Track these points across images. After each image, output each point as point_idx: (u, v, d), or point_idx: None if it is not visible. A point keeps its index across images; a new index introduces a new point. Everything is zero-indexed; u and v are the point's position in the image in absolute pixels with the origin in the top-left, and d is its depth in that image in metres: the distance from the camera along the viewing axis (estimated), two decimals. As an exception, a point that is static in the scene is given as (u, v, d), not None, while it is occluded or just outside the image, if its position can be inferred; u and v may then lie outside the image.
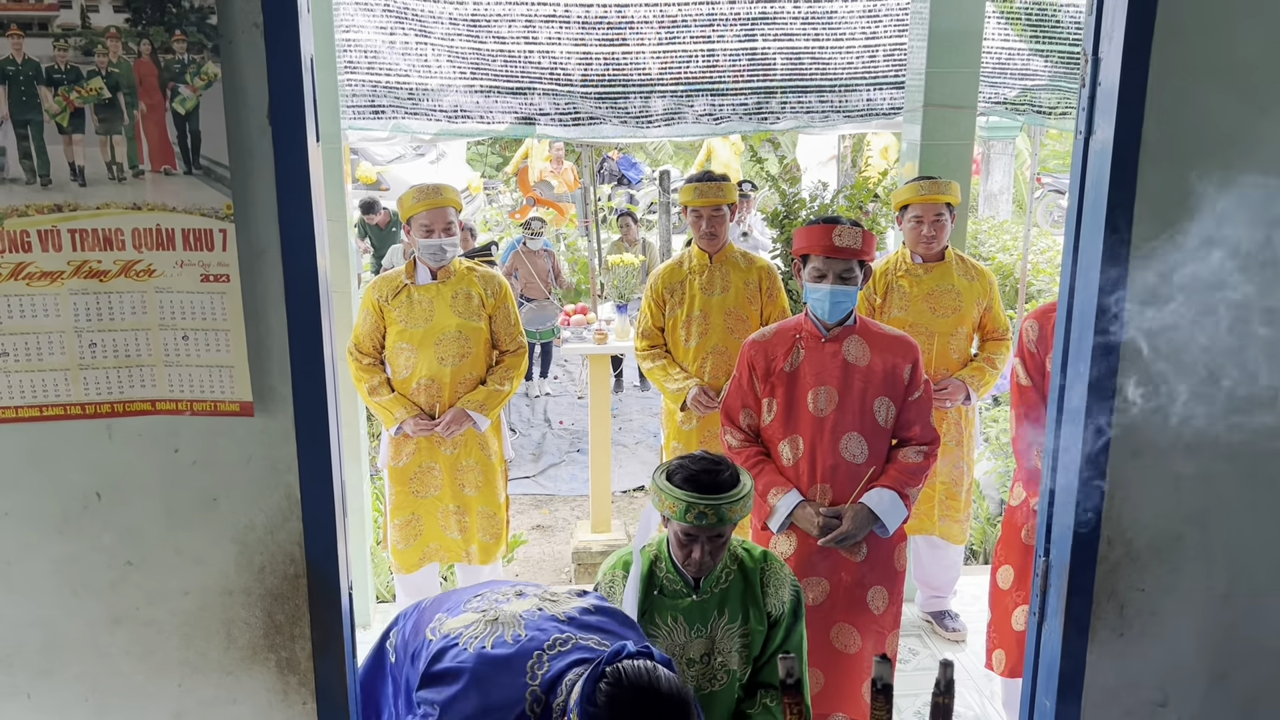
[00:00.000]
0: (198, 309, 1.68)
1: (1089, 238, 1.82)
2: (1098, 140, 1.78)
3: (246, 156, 1.65)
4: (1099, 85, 1.78)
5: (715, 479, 2.33)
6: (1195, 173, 1.74)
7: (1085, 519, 1.89)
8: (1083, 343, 1.86)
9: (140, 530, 1.77)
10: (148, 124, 1.61)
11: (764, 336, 3.08)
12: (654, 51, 4.95)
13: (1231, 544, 1.92)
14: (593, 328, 5.72)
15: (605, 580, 2.50)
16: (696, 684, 2.42)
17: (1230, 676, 1.97)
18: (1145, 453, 1.84)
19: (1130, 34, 1.70)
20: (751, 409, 3.06)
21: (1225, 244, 1.77)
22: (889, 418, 2.98)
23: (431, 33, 4.91)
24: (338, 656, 1.85)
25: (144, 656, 1.82)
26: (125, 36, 1.58)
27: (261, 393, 1.73)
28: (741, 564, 2.50)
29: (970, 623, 4.39)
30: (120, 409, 1.71)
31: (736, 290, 4.12)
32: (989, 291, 4.11)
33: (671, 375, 4.16)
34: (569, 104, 4.99)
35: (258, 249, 1.69)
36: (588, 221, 9.88)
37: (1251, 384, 1.83)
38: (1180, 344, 1.79)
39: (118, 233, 1.64)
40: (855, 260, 2.90)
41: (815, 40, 5.04)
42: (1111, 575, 1.91)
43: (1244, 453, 1.85)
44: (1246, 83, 1.72)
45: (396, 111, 4.97)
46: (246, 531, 1.79)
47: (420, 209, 3.74)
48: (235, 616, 1.82)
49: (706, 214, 4.08)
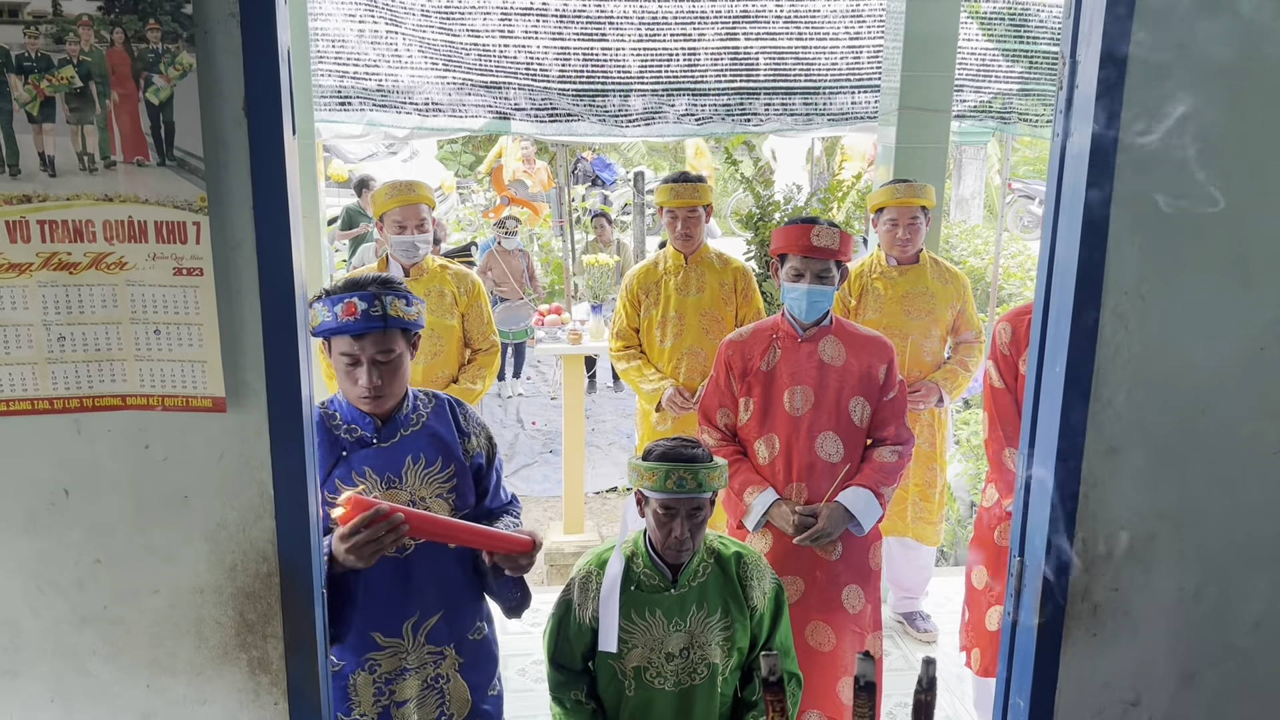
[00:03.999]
0: (170, 303, 1.66)
1: (1065, 240, 1.84)
2: (1075, 143, 1.79)
3: (221, 148, 1.63)
4: (1076, 88, 1.79)
5: (691, 450, 2.40)
6: (1174, 177, 1.76)
7: (1059, 519, 1.90)
8: (1058, 344, 1.87)
9: (109, 527, 1.74)
10: (120, 114, 1.59)
11: (741, 336, 3.08)
12: (634, 49, 4.94)
13: (1203, 544, 1.93)
14: (566, 328, 5.71)
15: (580, 578, 2.49)
16: (677, 678, 2.42)
17: (1200, 675, 1.99)
18: (1119, 452, 1.86)
19: (1108, 37, 1.71)
20: (729, 409, 3.06)
21: (1201, 248, 1.78)
22: (864, 417, 2.99)
23: (403, 23, 4.86)
24: (310, 655, 1.82)
25: (112, 656, 1.79)
26: (98, 25, 1.55)
27: (234, 388, 1.70)
28: (719, 557, 2.51)
29: (941, 623, 4.42)
30: (90, 404, 1.68)
31: (711, 291, 4.13)
32: (962, 294, 4.14)
33: (646, 376, 4.16)
34: (546, 100, 4.96)
35: (232, 242, 1.66)
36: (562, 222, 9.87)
37: (1226, 384, 1.85)
38: (1155, 345, 1.81)
39: (88, 224, 1.61)
40: (832, 260, 2.92)
41: (798, 40, 5.05)
42: (1085, 575, 1.92)
43: (1216, 452, 1.87)
44: (1222, 87, 1.74)
45: (366, 105, 4.92)
46: (218, 529, 1.76)
47: (393, 205, 3.71)
48: (206, 615, 1.79)
49: (682, 215, 4.09)
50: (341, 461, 2.26)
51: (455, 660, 2.37)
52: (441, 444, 2.32)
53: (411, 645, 2.30)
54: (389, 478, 2.26)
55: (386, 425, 2.29)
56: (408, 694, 2.32)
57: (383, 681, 2.30)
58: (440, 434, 2.33)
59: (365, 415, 2.28)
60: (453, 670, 2.36)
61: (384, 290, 2.21)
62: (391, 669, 2.30)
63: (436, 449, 2.32)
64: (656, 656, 2.42)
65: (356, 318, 2.17)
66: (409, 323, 2.25)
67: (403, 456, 2.28)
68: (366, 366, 2.20)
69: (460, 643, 2.37)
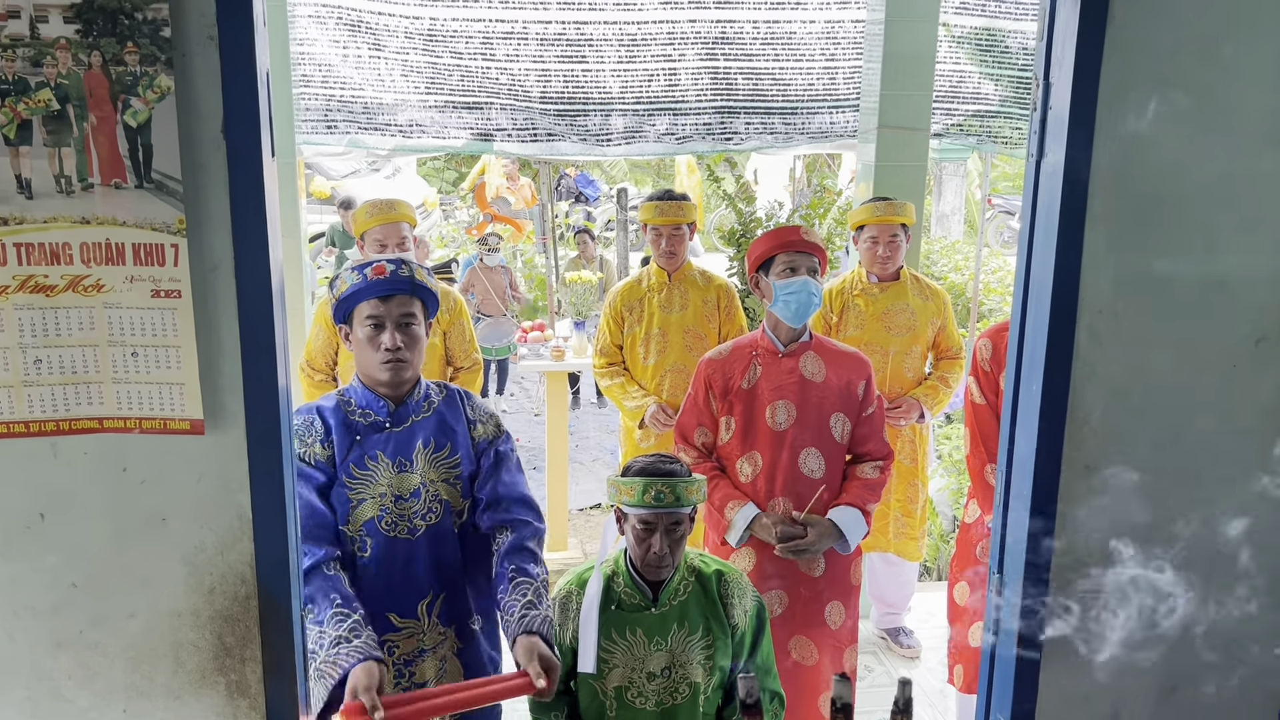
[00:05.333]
0: (148, 325, 1.65)
1: (1041, 259, 1.86)
2: (1049, 163, 1.81)
3: (200, 171, 1.63)
4: (1050, 109, 1.81)
5: (669, 465, 2.43)
6: (1144, 196, 1.78)
7: (1038, 534, 1.91)
8: (1034, 363, 1.89)
9: (85, 551, 1.73)
10: (98, 136, 1.58)
11: (721, 354, 3.09)
12: (614, 70, 4.97)
13: (1180, 560, 1.95)
14: (550, 344, 5.71)
15: (560, 597, 2.48)
16: (658, 698, 2.42)
17: (1179, 690, 2.00)
18: (1096, 470, 1.87)
19: (1080, 60, 1.73)
20: (707, 427, 3.07)
21: (1174, 266, 1.81)
22: (844, 433, 3.01)
23: (386, 46, 4.88)
24: (289, 679, 1.81)
25: (88, 681, 1.77)
26: (75, 48, 1.55)
27: (213, 410, 1.70)
28: (700, 575, 2.50)
29: (925, 639, 4.42)
30: (66, 427, 1.67)
31: (695, 308, 4.14)
32: (943, 311, 4.17)
33: (630, 393, 4.16)
34: (528, 120, 4.99)
35: (210, 264, 1.66)
36: (545, 238, 9.88)
37: (1200, 401, 1.86)
38: (1131, 362, 1.83)
39: (65, 247, 1.60)
40: (817, 259, 2.97)
41: (775, 61, 5.09)
42: (1064, 590, 1.93)
43: (1192, 469, 1.89)
44: (1190, 108, 1.77)
45: (350, 126, 4.94)
46: (196, 552, 1.75)
47: (374, 224, 3.71)
48: (184, 639, 1.78)
49: (666, 232, 4.10)
50: (356, 445, 2.32)
51: (455, 643, 2.41)
52: (450, 431, 2.39)
53: (427, 625, 2.35)
54: (400, 461, 2.33)
55: (399, 409, 2.35)
56: (427, 674, 2.35)
57: (402, 663, 2.33)
58: (449, 422, 2.40)
59: (379, 400, 2.34)
60: (452, 652, 2.41)
61: (410, 261, 2.35)
62: (410, 650, 2.34)
63: (446, 435, 2.39)
64: (638, 676, 2.41)
65: (385, 277, 2.28)
66: (430, 294, 2.36)
67: (414, 440, 2.35)
68: (390, 329, 2.28)
69: (460, 626, 2.42)
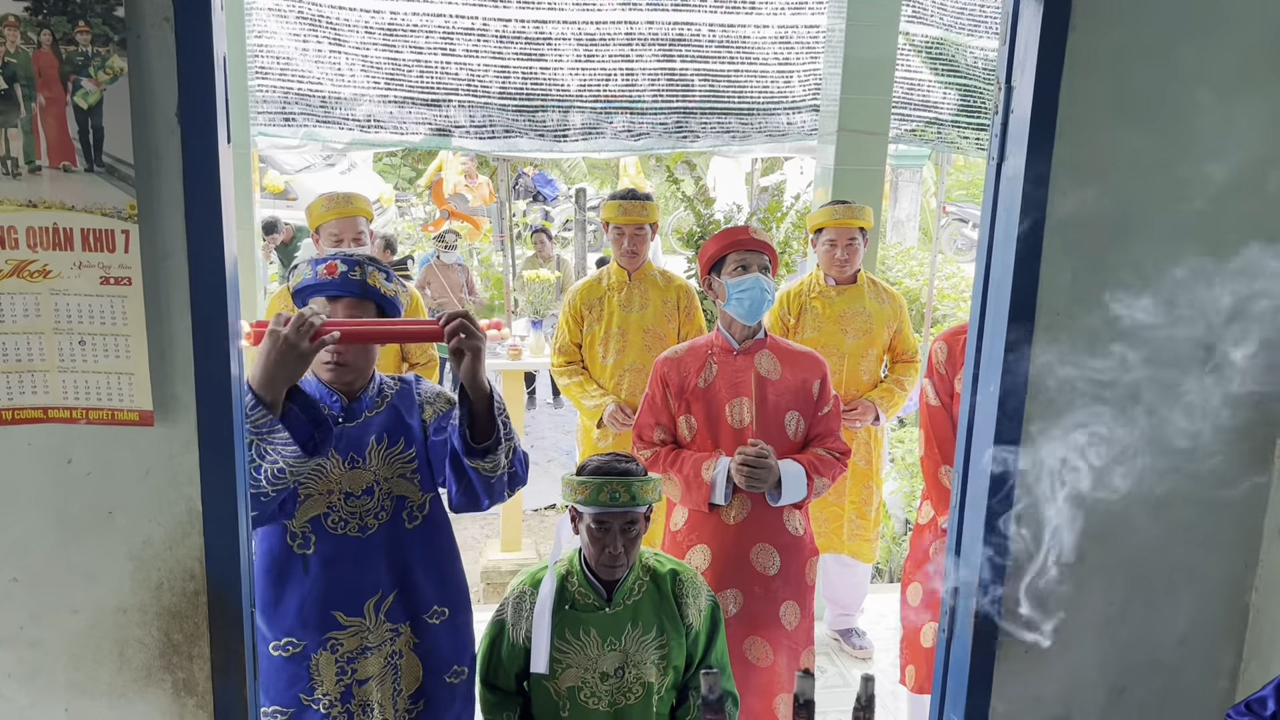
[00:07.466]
0: (96, 313, 1.61)
1: (1000, 261, 1.87)
2: (1010, 166, 1.83)
3: (153, 155, 1.59)
4: (1011, 113, 1.83)
5: (624, 464, 2.42)
6: (1103, 200, 1.80)
7: (993, 537, 1.93)
8: (992, 364, 1.91)
9: (27, 545, 1.68)
10: (46, 118, 1.54)
11: (677, 353, 3.08)
12: (572, 68, 4.97)
13: (1129, 562, 1.98)
14: (506, 343, 5.67)
15: (514, 597, 2.46)
16: (611, 698, 2.40)
17: (1129, 690, 2.03)
18: (1052, 473, 1.89)
19: (1042, 65, 1.75)
20: (665, 425, 3.06)
21: (1132, 271, 1.83)
22: (798, 431, 3.01)
23: (345, 41, 4.84)
24: (238, 677, 1.77)
25: (28, 679, 1.72)
26: (24, 26, 1.51)
27: (163, 401, 1.66)
28: (654, 575, 2.49)
29: (876, 640, 4.45)
30: (9, 416, 1.62)
31: (655, 308, 4.13)
32: (899, 315, 4.20)
33: (588, 392, 4.15)
34: (486, 116, 4.96)
35: (162, 252, 1.62)
36: (503, 236, 9.82)
37: (1153, 408, 1.89)
38: (1088, 367, 1.85)
39: (10, 230, 1.56)
40: (768, 257, 2.98)
41: (730, 64, 5.12)
42: (1017, 592, 1.95)
43: (1144, 473, 1.92)
44: (1148, 114, 1.79)
45: (308, 119, 4.89)
46: (144, 546, 1.71)
47: (330, 217, 3.66)
48: (129, 636, 1.73)
49: (629, 231, 4.09)
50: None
51: (410, 639, 2.37)
52: (403, 425, 2.35)
53: (373, 624, 2.31)
54: (353, 457, 2.28)
55: (352, 404, 2.31)
56: (369, 671, 2.31)
57: (345, 660, 2.29)
58: (402, 415, 2.36)
59: (333, 394, 2.29)
60: (407, 647, 2.37)
61: (368, 262, 2.27)
62: (353, 648, 2.30)
63: (400, 430, 2.34)
64: (591, 676, 2.39)
65: (334, 278, 2.22)
66: (386, 298, 2.29)
67: (366, 437, 2.30)
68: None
69: (415, 622, 2.37)
